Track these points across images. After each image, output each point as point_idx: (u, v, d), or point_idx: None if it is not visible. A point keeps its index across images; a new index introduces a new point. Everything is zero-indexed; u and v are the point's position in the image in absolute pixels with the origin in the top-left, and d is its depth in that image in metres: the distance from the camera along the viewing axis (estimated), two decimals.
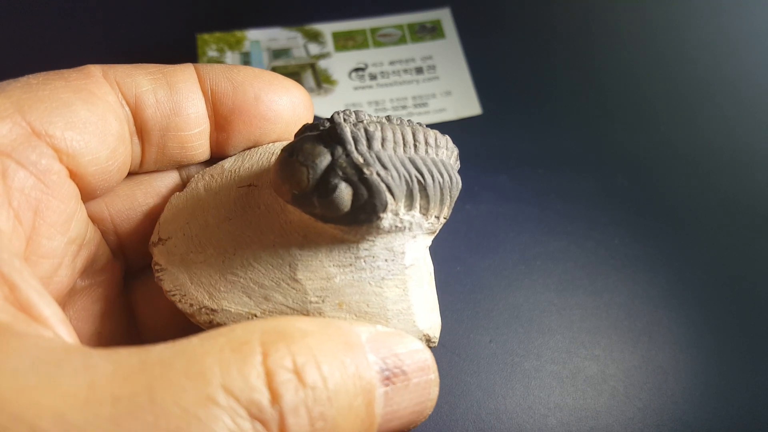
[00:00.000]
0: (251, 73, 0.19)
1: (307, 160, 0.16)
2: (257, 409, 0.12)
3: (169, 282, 0.18)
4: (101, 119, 0.16)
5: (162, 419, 0.11)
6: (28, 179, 0.15)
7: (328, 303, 0.17)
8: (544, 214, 0.32)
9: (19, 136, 0.15)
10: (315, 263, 0.17)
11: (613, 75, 0.39)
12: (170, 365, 0.12)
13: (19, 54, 0.37)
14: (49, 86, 0.16)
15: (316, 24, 0.39)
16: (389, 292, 0.17)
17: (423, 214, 0.17)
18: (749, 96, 0.38)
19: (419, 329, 0.17)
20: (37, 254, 0.15)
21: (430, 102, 0.37)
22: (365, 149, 0.16)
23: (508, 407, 0.26)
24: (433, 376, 0.15)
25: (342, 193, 0.16)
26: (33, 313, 0.13)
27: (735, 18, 0.41)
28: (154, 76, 0.18)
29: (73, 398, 0.11)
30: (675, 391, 0.27)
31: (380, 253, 0.17)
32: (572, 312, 0.29)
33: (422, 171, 0.17)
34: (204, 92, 0.18)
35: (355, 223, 0.16)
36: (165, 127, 0.18)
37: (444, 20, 0.40)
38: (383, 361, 0.14)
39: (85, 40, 0.38)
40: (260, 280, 0.17)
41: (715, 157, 0.35)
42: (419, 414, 0.15)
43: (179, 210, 0.19)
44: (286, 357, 0.12)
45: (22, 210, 0.15)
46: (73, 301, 0.18)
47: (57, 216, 0.16)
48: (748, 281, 0.30)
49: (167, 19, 0.39)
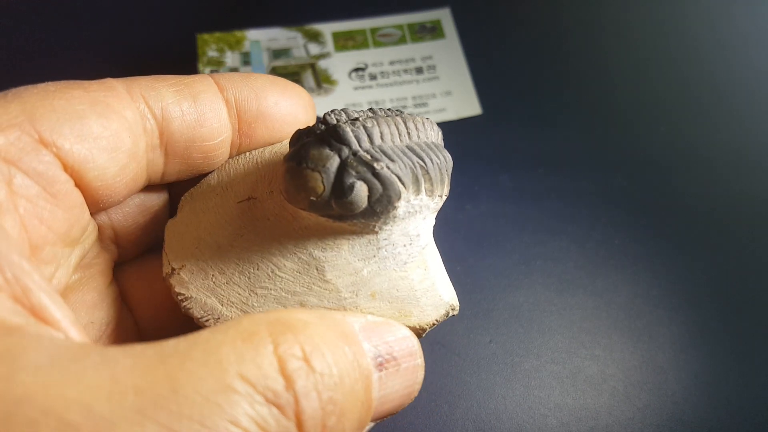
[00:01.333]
0: (267, 80, 0.20)
1: (318, 165, 0.16)
2: (273, 395, 0.12)
3: (199, 309, 0.18)
4: (114, 135, 0.16)
5: (185, 407, 0.11)
6: (33, 188, 0.15)
7: (362, 295, 0.18)
8: (544, 214, 0.32)
9: (27, 145, 0.15)
10: (340, 261, 0.18)
11: (613, 75, 0.39)
12: (188, 356, 0.12)
13: (19, 54, 0.37)
14: (66, 96, 0.16)
15: (316, 24, 0.39)
16: (413, 274, 0.18)
17: (429, 195, 0.18)
18: (749, 96, 0.38)
19: (446, 301, 0.18)
20: (40, 260, 0.16)
21: (430, 102, 0.37)
22: (369, 146, 0.17)
23: (508, 407, 0.26)
24: (419, 361, 0.16)
25: (359, 192, 0.16)
26: (44, 316, 0.13)
27: (735, 18, 0.41)
28: (177, 87, 0.18)
29: (98, 390, 0.11)
30: (675, 391, 0.27)
31: (399, 240, 0.18)
32: (572, 312, 0.29)
33: (422, 156, 0.18)
34: (227, 101, 0.19)
35: (373, 216, 0.17)
36: (190, 139, 0.18)
37: (444, 20, 0.40)
38: (376, 348, 0.15)
39: (85, 40, 0.38)
40: (291, 288, 0.18)
41: (715, 157, 0.35)
42: (408, 397, 0.16)
43: (182, 236, 0.19)
44: (295, 346, 0.13)
45: (28, 217, 0.15)
46: (65, 294, 0.18)
47: (61, 224, 0.16)
48: (748, 281, 0.30)
49: (167, 19, 0.39)
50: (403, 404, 0.16)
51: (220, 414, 0.11)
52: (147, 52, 0.37)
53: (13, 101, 0.15)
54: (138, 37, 0.38)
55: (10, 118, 0.15)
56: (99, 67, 0.37)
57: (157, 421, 0.11)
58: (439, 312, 0.18)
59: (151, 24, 0.39)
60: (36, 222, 0.15)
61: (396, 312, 0.18)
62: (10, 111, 0.15)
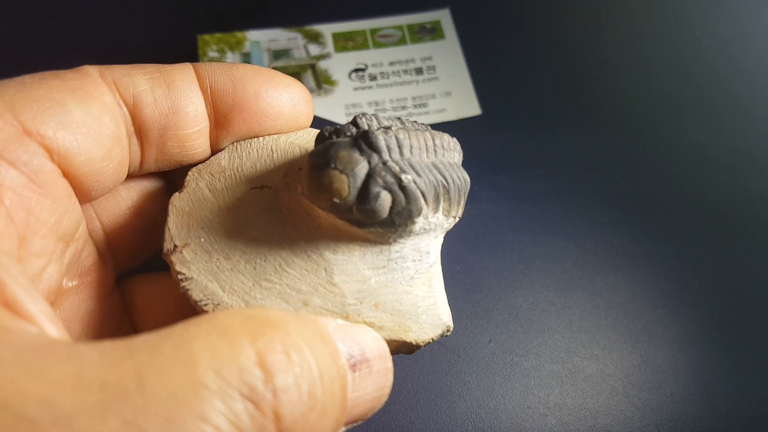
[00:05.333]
0: (250, 70, 0.19)
1: (346, 168, 0.16)
2: (249, 390, 0.12)
3: (198, 291, 0.17)
4: (96, 120, 0.16)
5: (151, 403, 0.11)
6: (19, 178, 0.15)
7: (366, 304, 0.17)
8: (544, 214, 0.32)
9: (10, 135, 0.15)
10: (350, 267, 0.18)
11: (613, 75, 0.39)
12: (158, 350, 0.12)
13: (18, 54, 0.37)
14: (44, 86, 0.16)
15: (316, 25, 0.39)
16: (418, 290, 0.18)
17: (445, 215, 0.18)
18: (749, 96, 0.38)
19: (443, 322, 0.18)
20: (29, 252, 0.15)
21: (430, 102, 0.37)
22: (398, 157, 0.17)
23: (507, 407, 0.26)
24: (390, 364, 0.16)
25: (383, 201, 0.16)
26: (18, 310, 0.13)
27: (734, 18, 0.41)
28: (151, 75, 0.18)
29: (61, 385, 0.11)
30: (674, 391, 0.27)
31: (409, 254, 0.18)
32: (571, 311, 0.29)
33: (445, 176, 0.18)
34: (203, 90, 0.18)
35: (391, 228, 0.17)
36: (164, 126, 0.18)
37: (444, 21, 0.40)
38: (349, 349, 0.15)
39: (86, 41, 0.38)
40: (297, 285, 0.17)
41: (715, 156, 0.35)
42: (378, 400, 0.16)
43: (187, 214, 0.18)
44: (275, 340, 0.13)
45: (14, 208, 0.15)
46: (60, 300, 0.18)
47: (49, 215, 0.16)
48: (747, 281, 0.30)
49: (167, 19, 0.39)
50: (374, 408, 0.16)
51: (189, 410, 0.11)
52: (147, 53, 0.37)
53: None
54: (138, 37, 0.39)
55: None
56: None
57: (120, 416, 0.10)
58: (436, 331, 0.18)
59: (152, 24, 0.39)
60: (23, 213, 0.15)
61: (396, 325, 0.18)
62: None
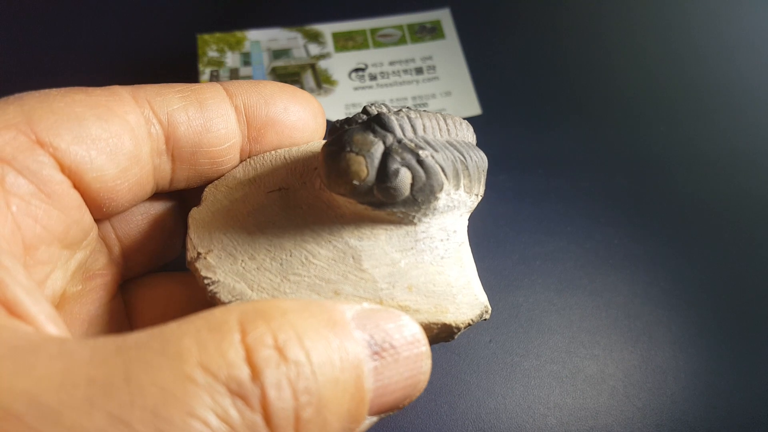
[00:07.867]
0: (277, 87, 0.20)
1: (362, 149, 0.16)
2: (237, 385, 0.12)
3: (227, 293, 0.17)
4: (114, 137, 0.16)
5: (138, 398, 0.11)
6: (27, 186, 0.15)
7: (398, 287, 0.17)
8: (543, 214, 0.32)
9: (22, 144, 0.15)
10: (377, 251, 0.17)
11: (613, 75, 0.39)
12: (146, 346, 0.12)
13: (20, 55, 0.37)
14: (66, 99, 0.16)
15: (316, 24, 0.39)
16: (450, 270, 0.18)
17: (467, 192, 0.18)
18: (749, 96, 0.38)
19: (481, 302, 0.18)
20: (35, 259, 0.15)
21: (430, 102, 0.37)
22: (412, 135, 0.17)
23: (507, 407, 0.26)
24: (424, 349, 0.15)
25: (403, 178, 0.16)
26: (17, 310, 0.13)
27: (734, 19, 0.41)
28: (183, 94, 0.18)
29: (48, 381, 0.11)
30: (674, 391, 0.27)
31: (436, 234, 0.18)
32: (572, 312, 0.29)
33: (462, 152, 0.18)
34: (236, 107, 0.19)
35: (414, 206, 0.17)
36: (197, 144, 0.18)
37: (444, 21, 0.40)
38: (371, 336, 0.14)
39: (85, 41, 0.38)
40: (326, 276, 0.17)
41: (715, 156, 0.35)
42: (413, 388, 0.15)
43: (208, 223, 0.19)
44: (266, 334, 0.12)
45: (21, 216, 0.15)
46: (63, 305, 0.18)
47: (57, 224, 0.16)
48: (747, 281, 0.30)
49: (167, 19, 0.39)
50: (410, 396, 0.15)
51: (176, 405, 0.11)
52: (147, 53, 0.37)
53: (13, 104, 0.15)
54: (138, 37, 0.38)
55: (7, 119, 0.15)
56: (99, 67, 0.37)
57: (106, 411, 0.10)
58: (475, 312, 0.18)
59: (152, 24, 0.39)
60: (30, 221, 0.15)
61: (432, 307, 0.17)
62: (8, 113, 0.15)
